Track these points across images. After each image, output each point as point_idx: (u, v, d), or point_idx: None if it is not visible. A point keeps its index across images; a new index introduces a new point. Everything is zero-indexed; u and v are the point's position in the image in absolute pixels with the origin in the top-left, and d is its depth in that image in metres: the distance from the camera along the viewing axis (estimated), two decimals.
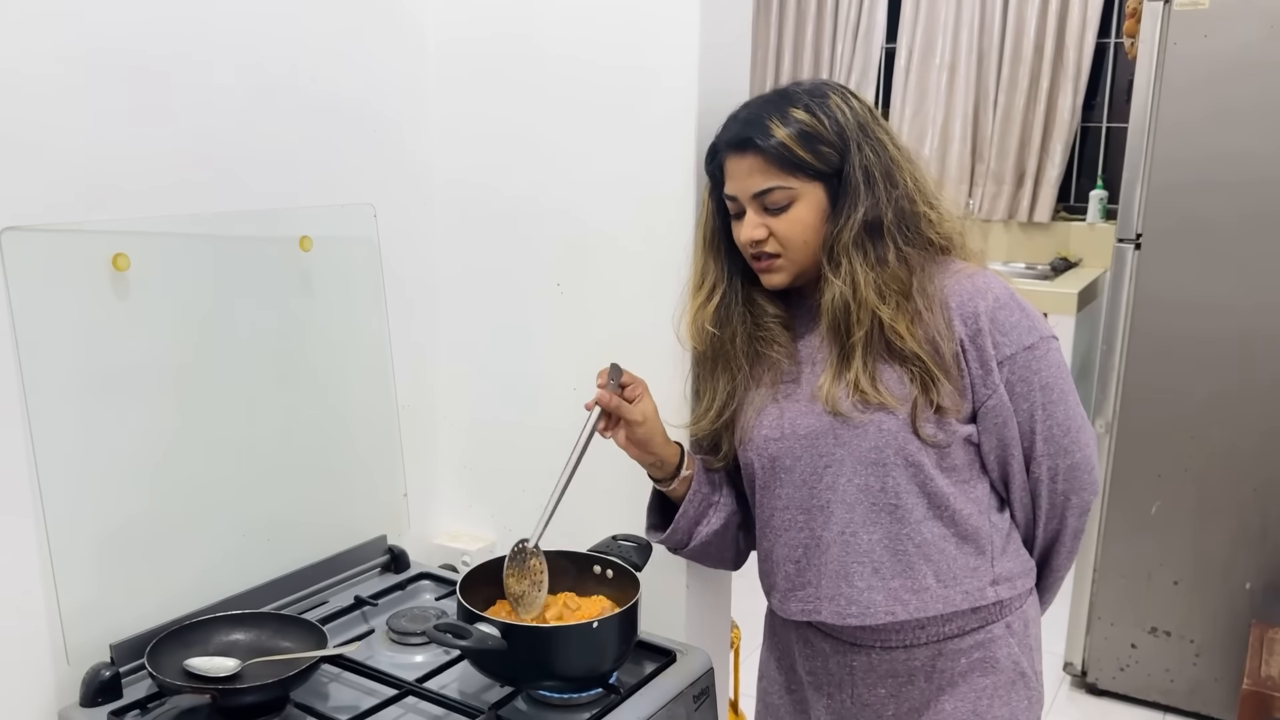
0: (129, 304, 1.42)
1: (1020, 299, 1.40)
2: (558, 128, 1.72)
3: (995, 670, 1.41)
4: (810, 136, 1.35)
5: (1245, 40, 2.64)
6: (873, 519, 1.38)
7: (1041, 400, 1.38)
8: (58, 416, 1.36)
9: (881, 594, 1.38)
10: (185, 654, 1.40)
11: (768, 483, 1.46)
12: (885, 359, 1.36)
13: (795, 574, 1.45)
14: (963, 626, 1.40)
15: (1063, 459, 1.40)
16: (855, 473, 1.38)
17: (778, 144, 1.35)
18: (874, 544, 1.38)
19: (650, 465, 1.50)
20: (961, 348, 1.35)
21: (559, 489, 1.43)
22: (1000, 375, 1.36)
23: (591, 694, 1.44)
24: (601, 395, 1.42)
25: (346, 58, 1.70)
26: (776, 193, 1.37)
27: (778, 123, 1.36)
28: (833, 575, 1.40)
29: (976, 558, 1.39)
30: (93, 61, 1.36)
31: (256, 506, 1.62)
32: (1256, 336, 2.73)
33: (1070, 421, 1.40)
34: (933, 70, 4.55)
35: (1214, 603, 2.90)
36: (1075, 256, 4.36)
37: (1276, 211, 2.66)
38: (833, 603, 1.41)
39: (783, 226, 1.38)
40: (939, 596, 1.38)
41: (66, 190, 1.35)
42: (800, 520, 1.43)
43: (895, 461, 1.36)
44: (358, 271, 1.76)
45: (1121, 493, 2.97)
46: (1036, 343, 1.37)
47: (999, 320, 1.36)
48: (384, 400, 1.83)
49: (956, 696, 1.41)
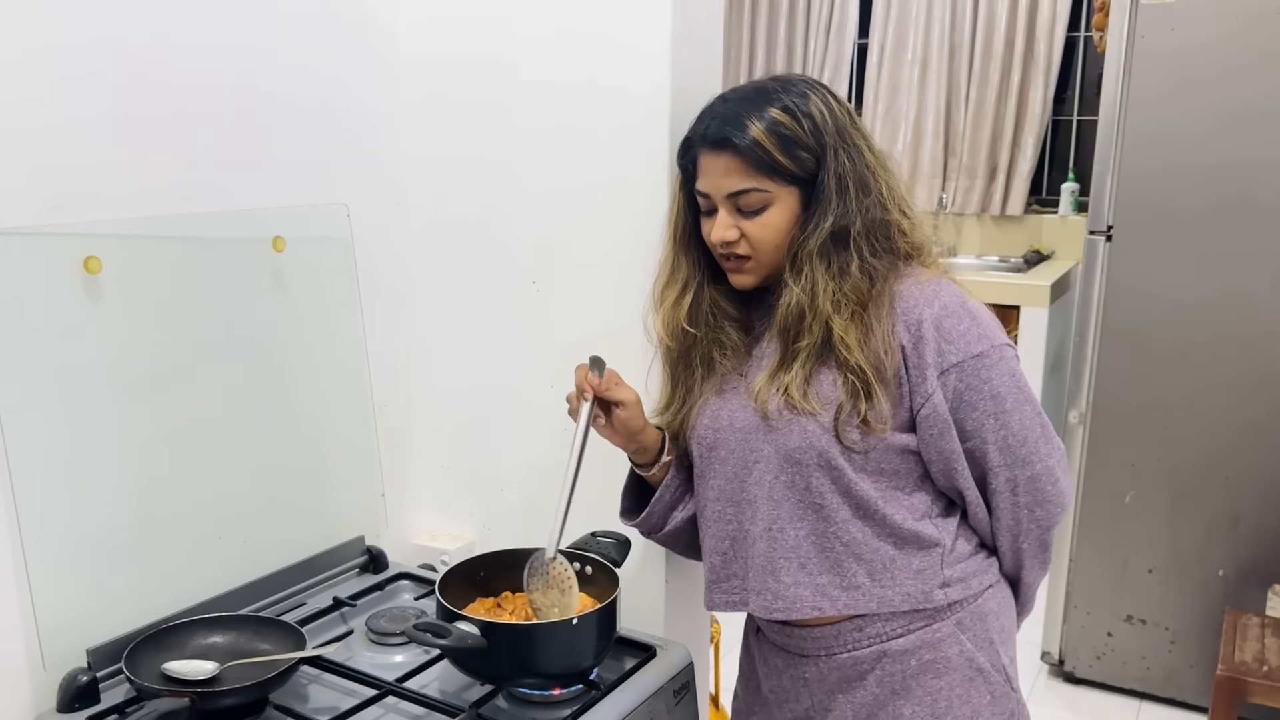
0: (101, 307, 1.41)
1: (972, 306, 1.37)
2: (531, 126, 1.72)
3: (948, 670, 1.38)
4: (788, 140, 1.34)
5: (1212, 33, 2.67)
6: (799, 515, 1.37)
7: (993, 409, 1.34)
8: (30, 421, 1.35)
9: (808, 589, 1.37)
10: (163, 658, 1.40)
11: (703, 472, 1.46)
12: (826, 364, 1.35)
13: (721, 565, 1.45)
14: (906, 626, 1.38)
15: (1021, 470, 1.37)
16: (781, 469, 1.37)
17: (755, 145, 1.33)
18: (800, 540, 1.37)
19: (634, 451, 1.51)
20: (903, 354, 1.34)
21: (567, 491, 1.42)
22: (942, 384, 1.33)
23: (572, 690, 1.44)
24: (592, 378, 1.42)
25: (317, 56, 1.69)
26: (751, 195, 1.35)
27: (756, 122, 1.33)
28: (759, 569, 1.40)
29: (922, 560, 1.37)
30: (64, 64, 1.35)
31: (233, 509, 1.61)
32: (1228, 326, 2.76)
33: (1026, 432, 1.36)
34: (905, 65, 4.57)
35: (1188, 590, 2.93)
36: (1048, 249, 4.39)
37: (1245, 203, 2.69)
38: (760, 596, 1.40)
39: (755, 229, 1.37)
40: (873, 595, 1.36)
41: (36, 193, 1.34)
42: (729, 513, 1.43)
43: (815, 464, 1.35)
44: (332, 271, 1.75)
45: (1096, 483, 3.00)
46: (987, 350, 1.34)
47: (945, 328, 1.33)
48: (360, 400, 1.82)
49: (913, 701, 1.39)
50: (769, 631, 1.50)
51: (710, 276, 1.48)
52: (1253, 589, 2.82)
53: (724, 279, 1.46)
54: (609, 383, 1.44)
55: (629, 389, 1.45)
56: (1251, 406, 2.77)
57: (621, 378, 1.47)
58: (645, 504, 1.54)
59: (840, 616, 1.40)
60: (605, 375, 1.44)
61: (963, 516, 1.43)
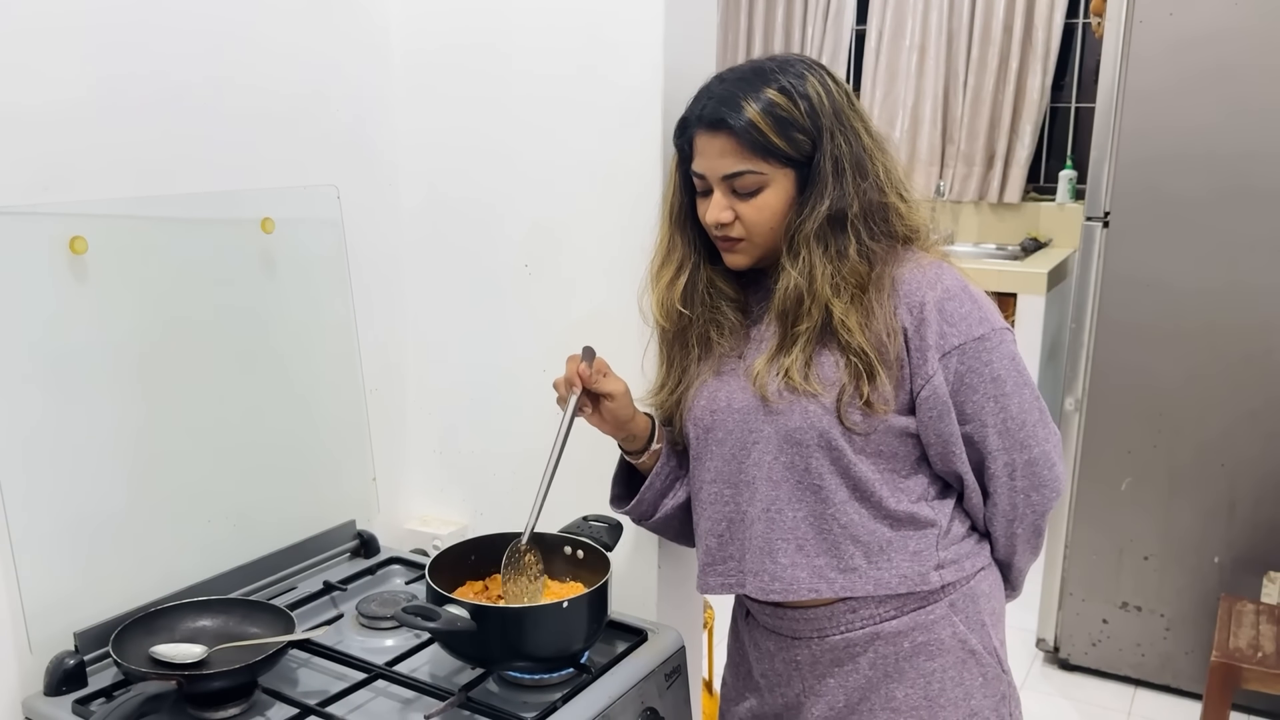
0: (87, 288, 1.40)
1: (973, 290, 1.37)
2: (524, 107, 1.70)
3: (941, 652, 1.39)
4: (785, 122, 1.32)
5: (1210, 18, 2.65)
6: (797, 497, 1.37)
7: (993, 392, 1.35)
8: (16, 403, 1.34)
9: (805, 571, 1.38)
10: (151, 641, 1.39)
11: (699, 454, 1.45)
12: (827, 346, 1.35)
13: (717, 548, 1.45)
14: (900, 608, 1.38)
15: (1019, 454, 1.38)
16: (781, 451, 1.37)
17: (750, 127, 1.32)
18: (798, 521, 1.37)
19: (623, 439, 1.50)
20: (905, 337, 1.34)
21: (546, 481, 1.42)
22: (943, 366, 1.33)
23: (563, 674, 1.43)
24: (582, 369, 1.41)
25: (309, 39, 1.67)
26: (747, 177, 1.35)
27: (752, 104, 1.32)
28: (757, 550, 1.40)
29: (918, 542, 1.38)
30: (49, 42, 1.34)
31: (222, 492, 1.60)
32: (1224, 314, 2.75)
33: (1025, 416, 1.37)
34: (902, 52, 4.55)
35: (1184, 577, 2.92)
36: (1045, 237, 4.38)
37: (1243, 188, 2.68)
38: (756, 577, 1.40)
39: (750, 211, 1.36)
40: (869, 577, 1.37)
41: (22, 172, 1.33)
42: (727, 494, 1.42)
43: (816, 444, 1.34)
44: (322, 253, 1.74)
45: (1092, 469, 2.99)
46: (988, 334, 1.35)
47: (947, 311, 1.34)
48: (351, 383, 1.81)
49: (906, 684, 1.39)
50: (760, 615, 1.49)
51: (707, 257, 1.47)
52: (1248, 576, 2.82)
53: (720, 259, 1.45)
54: (597, 374, 1.43)
55: (617, 381, 1.45)
56: (1249, 394, 2.76)
57: (610, 369, 1.46)
58: (635, 491, 1.53)
59: (834, 598, 1.39)
60: (594, 366, 1.43)
61: (958, 499, 1.43)
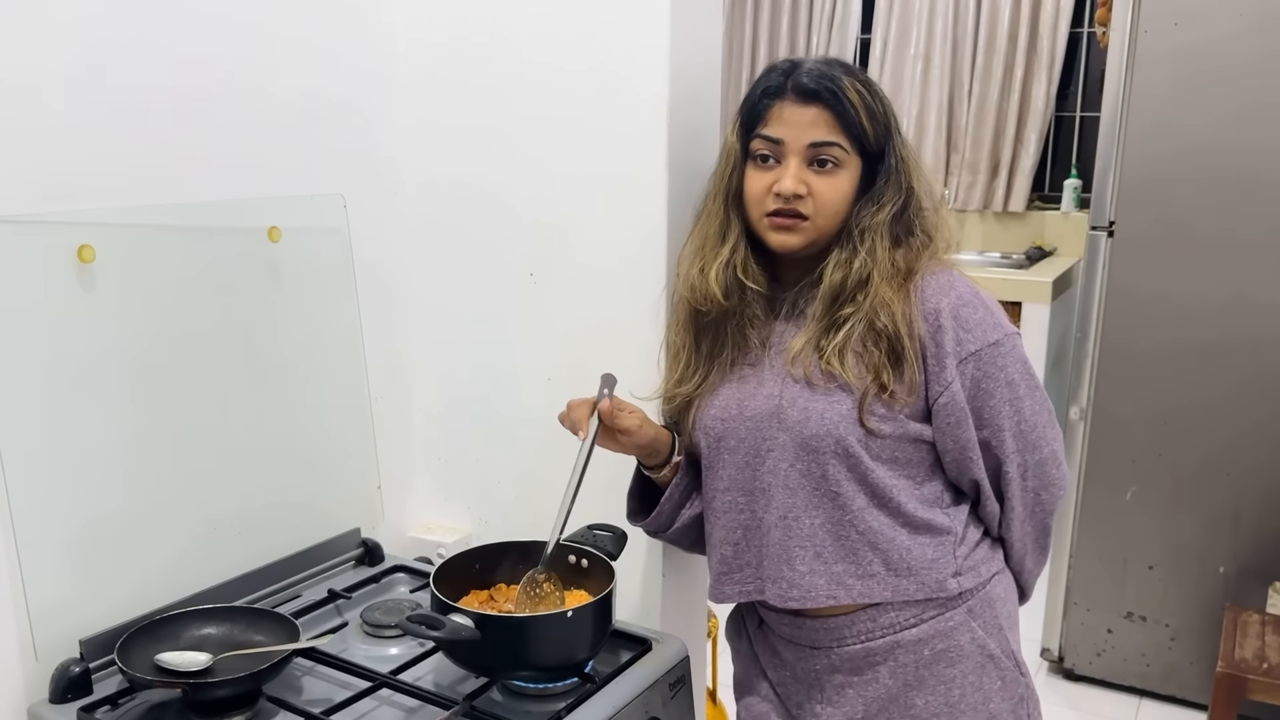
0: (95, 296, 1.40)
1: (984, 296, 1.40)
2: (529, 117, 1.71)
3: (961, 658, 1.40)
4: (872, 111, 1.37)
5: (1216, 28, 2.65)
6: (814, 504, 1.37)
7: (1009, 396, 1.37)
8: (23, 410, 1.34)
9: (823, 578, 1.38)
10: (156, 649, 1.39)
11: (712, 463, 1.45)
12: (863, 334, 1.36)
13: (732, 556, 1.45)
14: (919, 615, 1.39)
15: (1031, 454, 1.41)
16: (797, 458, 1.37)
17: (849, 103, 1.35)
18: (816, 528, 1.38)
19: (644, 455, 1.51)
20: (920, 344, 1.35)
21: (563, 514, 1.42)
22: (960, 372, 1.35)
23: (567, 683, 1.43)
24: (603, 406, 1.43)
25: (314, 46, 1.68)
26: (834, 149, 1.36)
27: (849, 86, 1.36)
28: (774, 558, 1.40)
29: (935, 549, 1.38)
30: (60, 53, 1.34)
31: (227, 500, 1.60)
32: (1230, 324, 2.75)
33: (1037, 417, 1.40)
34: (907, 61, 4.56)
35: (1189, 587, 2.92)
36: (1050, 246, 4.38)
37: (1248, 199, 2.68)
38: (775, 584, 1.40)
39: (825, 188, 1.36)
40: (888, 584, 1.37)
41: (30, 181, 1.33)
42: (741, 502, 1.43)
43: (833, 451, 1.35)
44: (328, 262, 1.74)
45: (1096, 479, 2.99)
46: (1001, 339, 1.37)
47: (962, 317, 1.35)
48: (356, 391, 1.82)
49: (926, 691, 1.40)
50: (777, 624, 1.49)
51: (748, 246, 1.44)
52: (1253, 586, 2.81)
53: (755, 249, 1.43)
54: (616, 410, 1.44)
55: (633, 417, 1.45)
56: (1254, 404, 2.75)
57: (625, 405, 1.46)
58: (651, 505, 1.54)
59: (854, 606, 1.40)
60: (613, 404, 1.44)
61: (972, 506, 1.44)
